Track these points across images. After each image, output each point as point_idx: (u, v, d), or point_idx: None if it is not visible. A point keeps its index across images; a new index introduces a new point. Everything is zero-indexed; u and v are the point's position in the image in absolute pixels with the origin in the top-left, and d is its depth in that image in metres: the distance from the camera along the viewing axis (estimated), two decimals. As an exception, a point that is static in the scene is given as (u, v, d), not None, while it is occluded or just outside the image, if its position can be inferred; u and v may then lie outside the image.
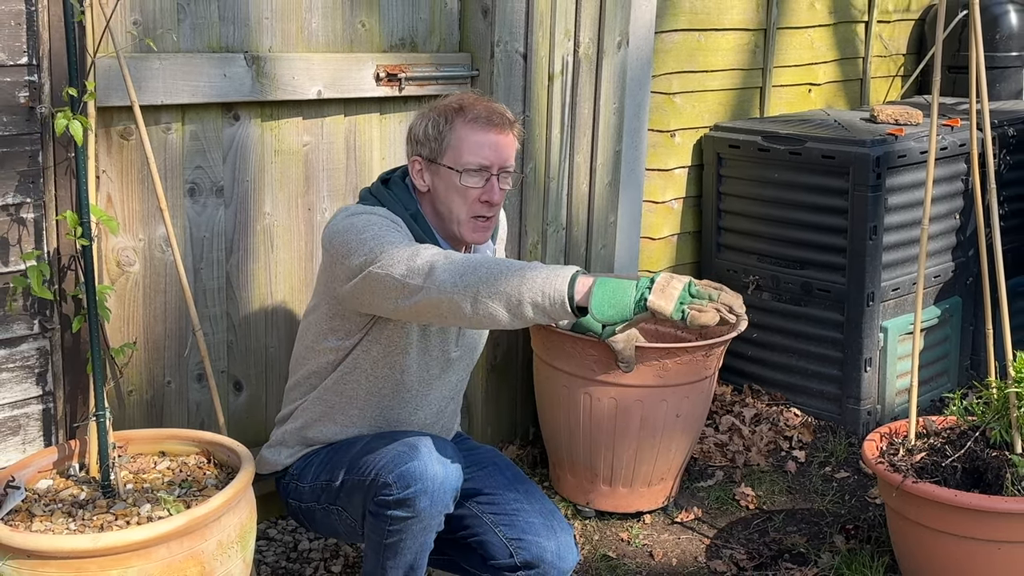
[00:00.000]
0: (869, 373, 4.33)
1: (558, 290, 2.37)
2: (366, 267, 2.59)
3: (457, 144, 2.76)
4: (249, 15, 3.27)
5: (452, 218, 2.79)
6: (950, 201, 4.53)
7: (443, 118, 2.79)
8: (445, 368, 2.93)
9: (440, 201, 2.80)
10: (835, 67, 5.34)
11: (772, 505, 3.90)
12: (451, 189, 2.77)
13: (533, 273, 2.41)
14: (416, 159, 2.82)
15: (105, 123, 3.03)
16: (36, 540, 2.45)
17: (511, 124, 2.82)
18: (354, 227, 2.67)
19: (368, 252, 2.59)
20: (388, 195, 2.82)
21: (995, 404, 3.29)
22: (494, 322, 2.46)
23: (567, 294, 2.36)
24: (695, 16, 4.59)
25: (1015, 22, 5.41)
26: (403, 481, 2.60)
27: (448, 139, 2.76)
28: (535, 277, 2.40)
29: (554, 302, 2.37)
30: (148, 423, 3.26)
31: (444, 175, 2.77)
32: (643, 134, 4.43)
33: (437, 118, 2.79)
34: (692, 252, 4.83)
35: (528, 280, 2.39)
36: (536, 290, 2.38)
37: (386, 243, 2.59)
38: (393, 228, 2.67)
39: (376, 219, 2.69)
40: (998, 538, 3.07)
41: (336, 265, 2.71)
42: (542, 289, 2.38)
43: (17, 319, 2.90)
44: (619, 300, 2.37)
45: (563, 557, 2.86)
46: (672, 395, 3.58)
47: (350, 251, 2.64)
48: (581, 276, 2.40)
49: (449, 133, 2.77)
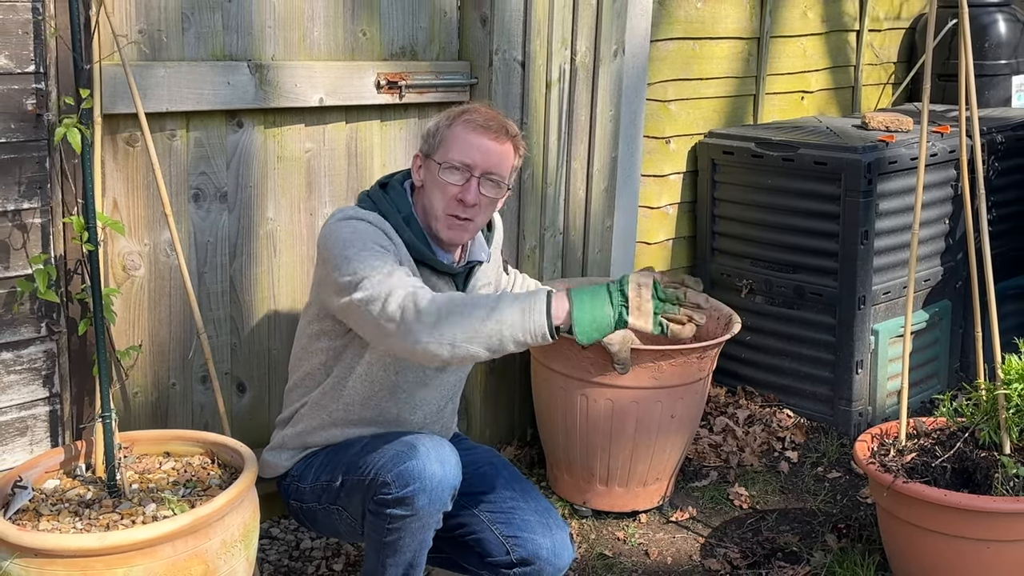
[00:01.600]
0: (860, 375, 4.34)
1: (538, 324, 2.44)
2: (350, 291, 2.61)
3: (450, 141, 2.79)
4: (252, 24, 3.27)
5: (432, 213, 2.80)
6: (940, 206, 4.53)
7: (447, 118, 2.83)
8: (441, 368, 2.93)
9: (425, 196, 2.83)
10: (827, 75, 5.35)
11: (765, 505, 3.91)
12: (434, 184, 2.79)
13: (509, 310, 2.45)
14: (417, 154, 2.86)
15: (111, 130, 3.04)
16: (43, 539, 2.45)
17: (508, 135, 2.82)
18: (342, 239, 2.67)
19: (351, 274, 2.61)
20: (383, 198, 2.83)
21: (984, 405, 3.29)
22: (475, 360, 2.54)
23: (547, 326, 2.44)
24: (690, 25, 4.60)
25: (1004, 31, 5.42)
26: (402, 480, 2.60)
27: (444, 136, 2.80)
28: (511, 315, 2.44)
29: (536, 336, 2.45)
30: (153, 424, 3.26)
31: (431, 169, 2.80)
32: (639, 140, 4.44)
33: (444, 118, 2.84)
34: (687, 256, 4.83)
35: (506, 320, 2.44)
36: (516, 329, 2.44)
37: (368, 268, 2.59)
38: (378, 247, 2.66)
39: (364, 231, 2.68)
40: (987, 537, 3.07)
41: (325, 271, 2.73)
42: (523, 327, 2.44)
43: (25, 322, 2.90)
44: (599, 322, 2.45)
45: (558, 554, 2.87)
46: (667, 397, 3.58)
47: (336, 265, 2.66)
48: (555, 299, 2.46)
49: (447, 131, 2.80)
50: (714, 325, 3.85)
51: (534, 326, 2.43)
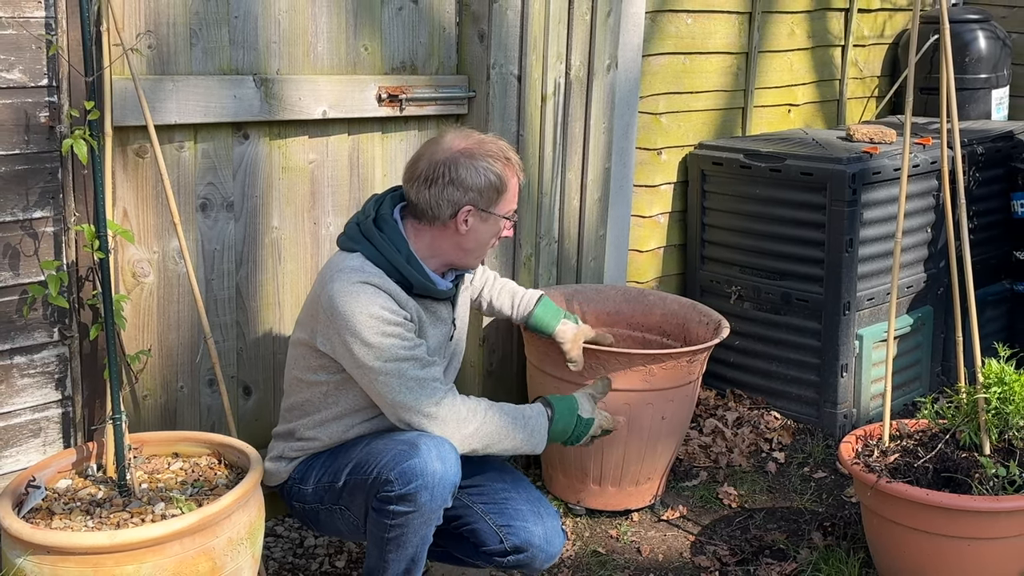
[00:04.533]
0: (845, 378, 4.35)
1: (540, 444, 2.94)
2: (368, 367, 2.72)
3: (509, 195, 2.87)
4: (258, 39, 3.28)
5: (475, 255, 2.90)
6: (922, 215, 4.54)
7: (496, 176, 2.83)
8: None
9: (472, 241, 2.86)
10: (813, 89, 5.36)
11: (753, 504, 3.91)
12: (490, 232, 2.87)
13: (524, 440, 2.89)
14: (470, 207, 2.81)
15: (122, 142, 3.04)
16: (56, 537, 2.46)
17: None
18: (356, 315, 2.70)
19: (372, 358, 2.71)
20: (381, 240, 2.80)
21: (965, 408, 3.30)
22: None
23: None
24: (681, 40, 4.61)
25: (984, 47, 5.44)
26: (405, 477, 2.61)
27: (503, 191, 2.85)
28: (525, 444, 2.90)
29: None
30: (162, 426, 3.26)
31: (488, 221, 2.85)
32: (631, 152, 4.45)
33: (492, 175, 2.83)
34: (677, 264, 4.84)
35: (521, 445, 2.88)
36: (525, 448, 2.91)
37: (391, 360, 2.71)
38: (397, 331, 2.73)
39: (376, 312, 2.70)
40: (967, 535, 3.08)
41: (329, 333, 2.75)
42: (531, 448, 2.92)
43: (38, 328, 2.91)
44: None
45: (550, 541, 2.89)
46: (658, 399, 3.59)
47: (348, 343, 2.71)
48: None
49: (504, 186, 2.85)
50: (704, 330, 3.85)
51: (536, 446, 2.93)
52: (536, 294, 3.48)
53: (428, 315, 2.86)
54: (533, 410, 2.92)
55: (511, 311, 3.47)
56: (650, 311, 4.06)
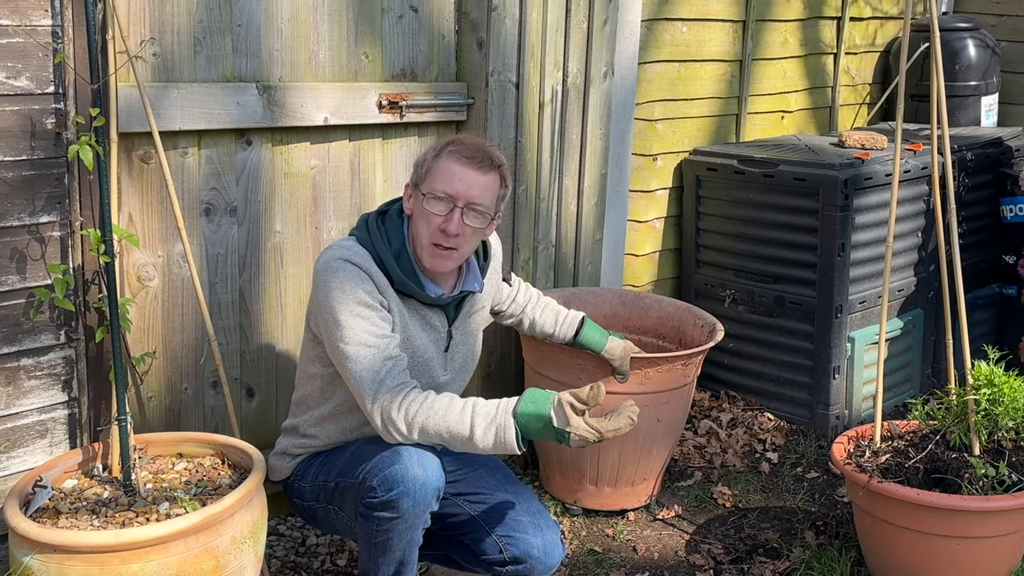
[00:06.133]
0: (837, 380, 4.35)
1: (510, 446, 2.60)
2: (341, 362, 2.69)
3: (435, 172, 2.74)
4: (261, 47, 3.29)
5: (418, 242, 2.77)
6: (913, 220, 4.55)
7: (434, 150, 2.79)
8: (437, 392, 2.78)
9: (413, 225, 2.79)
10: (806, 95, 5.37)
11: (747, 503, 3.92)
12: (420, 213, 2.75)
13: (483, 443, 2.60)
14: (408, 185, 2.82)
15: (127, 148, 3.05)
16: (62, 536, 2.46)
17: (494, 166, 2.77)
18: (331, 295, 2.69)
19: (340, 340, 2.67)
20: (377, 230, 2.79)
21: (955, 409, 3.30)
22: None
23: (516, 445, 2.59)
24: (676, 48, 4.62)
25: (973, 55, 5.45)
26: (386, 484, 2.60)
27: (430, 167, 2.76)
28: (485, 440, 2.60)
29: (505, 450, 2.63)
30: (166, 427, 3.27)
31: (418, 200, 2.76)
32: (627, 158, 4.46)
33: (431, 149, 2.80)
34: (672, 268, 4.85)
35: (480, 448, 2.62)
36: (490, 447, 2.61)
37: (356, 357, 2.65)
38: (363, 309, 2.68)
39: (350, 289, 2.68)
40: (957, 534, 3.09)
41: (315, 308, 2.76)
42: (494, 448, 2.61)
43: (44, 330, 2.91)
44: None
45: (549, 553, 2.88)
46: (654, 401, 3.59)
47: (328, 327, 2.70)
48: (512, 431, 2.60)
49: (433, 162, 2.76)
50: (699, 333, 3.86)
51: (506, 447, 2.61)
52: (578, 315, 3.47)
53: (414, 317, 2.81)
54: (497, 421, 2.61)
55: (554, 329, 3.45)
56: (646, 314, 4.07)
